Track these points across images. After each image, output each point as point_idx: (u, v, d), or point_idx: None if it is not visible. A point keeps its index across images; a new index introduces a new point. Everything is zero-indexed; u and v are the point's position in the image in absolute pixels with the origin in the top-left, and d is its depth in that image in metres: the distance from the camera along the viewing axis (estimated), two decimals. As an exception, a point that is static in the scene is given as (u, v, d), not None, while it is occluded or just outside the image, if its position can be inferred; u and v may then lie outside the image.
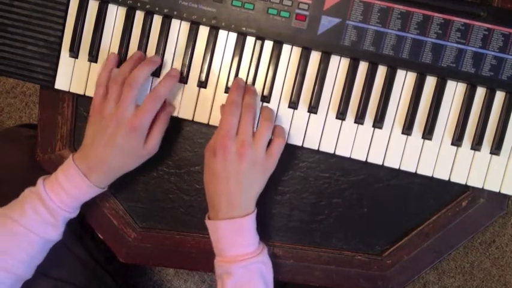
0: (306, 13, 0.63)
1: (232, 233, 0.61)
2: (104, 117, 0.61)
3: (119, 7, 0.66)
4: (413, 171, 0.65)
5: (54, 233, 0.62)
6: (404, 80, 0.65)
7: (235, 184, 0.60)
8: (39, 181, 0.62)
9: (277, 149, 0.62)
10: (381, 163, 0.65)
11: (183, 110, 0.66)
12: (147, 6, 0.64)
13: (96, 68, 0.66)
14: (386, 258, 0.69)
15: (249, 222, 0.62)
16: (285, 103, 0.66)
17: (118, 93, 0.61)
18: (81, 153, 0.62)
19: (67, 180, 0.61)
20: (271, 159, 0.62)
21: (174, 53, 0.66)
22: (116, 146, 0.60)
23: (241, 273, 0.60)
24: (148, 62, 0.63)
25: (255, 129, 0.62)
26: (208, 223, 0.63)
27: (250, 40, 0.65)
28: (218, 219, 0.61)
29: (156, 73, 0.65)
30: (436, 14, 0.62)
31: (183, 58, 0.65)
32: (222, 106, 0.64)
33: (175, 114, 0.66)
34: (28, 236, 0.60)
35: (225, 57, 0.66)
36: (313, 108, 0.65)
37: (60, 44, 0.66)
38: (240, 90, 0.63)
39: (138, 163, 0.64)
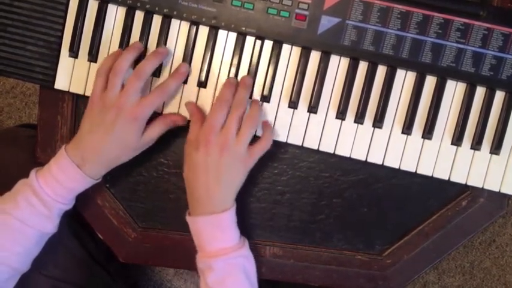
0: (306, 13, 0.63)
1: (212, 228, 0.61)
2: (105, 105, 0.60)
3: (119, 7, 0.66)
4: (413, 170, 0.65)
5: (49, 225, 0.62)
6: (404, 79, 0.65)
7: (215, 177, 0.60)
8: (32, 173, 0.61)
9: (259, 150, 0.63)
10: (380, 163, 0.65)
11: (183, 109, 0.66)
12: (147, 6, 0.64)
13: (96, 67, 0.66)
14: (387, 257, 0.69)
15: (228, 218, 0.62)
16: (284, 103, 0.66)
17: (120, 83, 0.61)
18: (74, 144, 0.62)
19: (60, 171, 0.61)
20: (251, 158, 0.63)
21: (174, 53, 0.66)
22: (114, 135, 0.60)
23: (222, 267, 0.60)
24: (156, 53, 0.63)
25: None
26: (189, 219, 0.63)
27: (250, 40, 0.65)
28: (197, 215, 0.62)
29: (156, 73, 0.65)
30: (435, 14, 0.62)
31: (183, 58, 0.65)
32: (187, 103, 0.65)
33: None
34: (22, 229, 0.60)
35: (224, 57, 0.66)
36: (313, 108, 0.65)
37: (60, 44, 0.66)
38: (232, 87, 0.63)
39: (132, 155, 0.64)
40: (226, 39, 0.65)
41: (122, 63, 0.61)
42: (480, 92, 0.65)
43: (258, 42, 0.65)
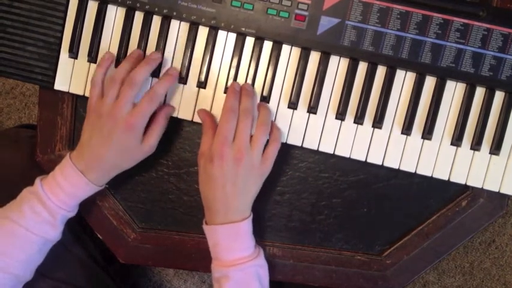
0: (306, 13, 0.63)
1: (230, 238, 0.61)
2: (101, 116, 0.61)
3: (118, 7, 0.66)
4: (413, 171, 0.65)
5: (53, 232, 0.62)
6: (404, 80, 0.65)
7: (232, 189, 0.60)
8: (37, 181, 0.62)
9: (273, 152, 0.63)
10: (380, 163, 0.65)
11: (183, 110, 0.66)
12: (147, 7, 0.64)
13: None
14: (386, 258, 0.69)
15: (246, 227, 0.62)
16: (284, 103, 0.66)
17: (116, 92, 0.61)
18: (78, 152, 0.62)
19: (65, 178, 0.61)
20: (267, 162, 0.63)
21: (174, 54, 0.66)
22: (112, 145, 0.60)
23: (239, 276, 0.61)
24: (148, 60, 0.63)
25: (252, 131, 0.62)
26: (206, 228, 0.63)
27: (249, 40, 0.65)
28: (215, 224, 0.62)
29: (155, 73, 0.65)
30: (435, 14, 0.62)
31: (183, 58, 0.65)
32: (199, 111, 0.65)
33: (174, 114, 0.66)
34: (27, 236, 0.60)
35: (224, 57, 0.66)
36: (312, 109, 0.65)
37: (59, 45, 0.66)
38: (236, 95, 0.63)
39: (135, 162, 0.64)
40: (225, 39, 0.65)
41: (119, 73, 0.61)
42: (480, 92, 0.65)
43: (258, 42, 0.65)
